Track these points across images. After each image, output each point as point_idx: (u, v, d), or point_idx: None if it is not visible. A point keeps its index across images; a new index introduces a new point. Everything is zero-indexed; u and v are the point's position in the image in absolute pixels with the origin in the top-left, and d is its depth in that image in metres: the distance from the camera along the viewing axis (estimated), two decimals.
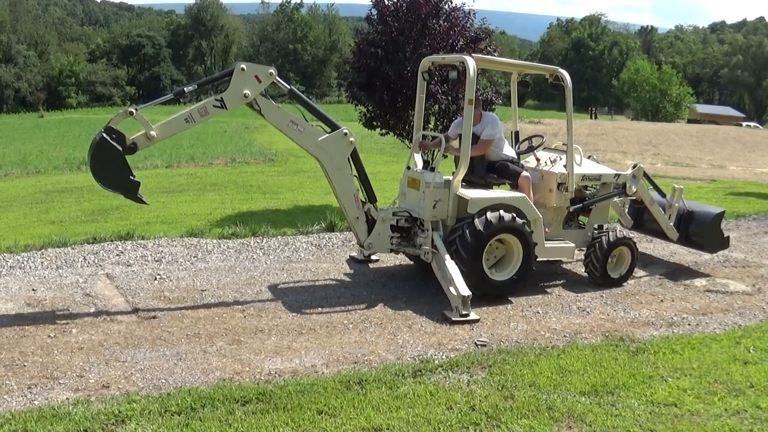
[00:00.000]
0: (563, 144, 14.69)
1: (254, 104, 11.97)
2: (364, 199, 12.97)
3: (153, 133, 11.57)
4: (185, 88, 12.01)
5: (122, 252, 14.80)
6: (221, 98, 11.71)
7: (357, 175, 12.85)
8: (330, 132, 12.57)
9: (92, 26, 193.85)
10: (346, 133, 12.59)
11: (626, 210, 16.01)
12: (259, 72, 11.93)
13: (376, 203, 13.17)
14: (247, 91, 11.75)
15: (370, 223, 13.01)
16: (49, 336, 10.32)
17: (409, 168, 13.83)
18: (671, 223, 15.46)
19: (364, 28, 21.53)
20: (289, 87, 12.39)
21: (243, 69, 11.77)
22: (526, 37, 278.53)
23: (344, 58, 27.59)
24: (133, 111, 11.34)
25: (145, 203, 11.97)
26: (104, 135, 11.17)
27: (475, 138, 13.11)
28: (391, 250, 13.50)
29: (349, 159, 12.69)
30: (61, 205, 22.45)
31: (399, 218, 13.09)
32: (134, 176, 11.52)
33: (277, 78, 12.03)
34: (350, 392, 8.82)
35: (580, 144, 15.56)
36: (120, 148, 11.26)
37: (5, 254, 14.42)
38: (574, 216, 14.63)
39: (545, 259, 13.89)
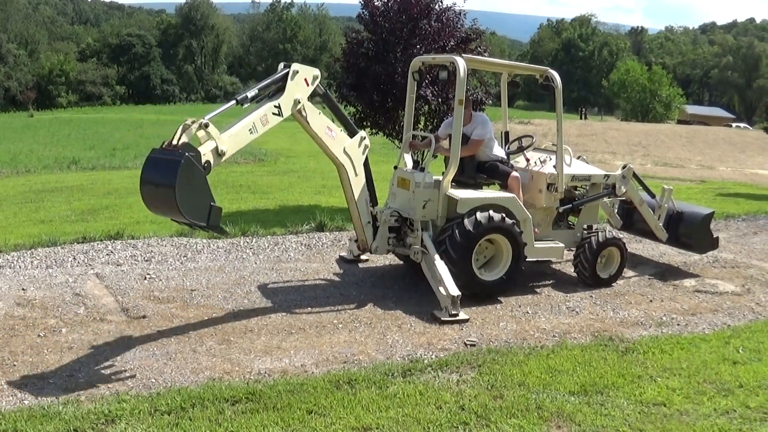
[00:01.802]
0: (553, 144, 14.70)
1: (302, 110, 11.48)
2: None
3: (224, 148, 10.31)
4: (248, 94, 10.90)
5: (112, 252, 14.79)
6: (278, 105, 11.04)
7: (365, 178, 12.81)
8: (350, 136, 12.49)
9: (83, 25, 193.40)
10: (363, 137, 12.59)
11: (616, 210, 16.02)
12: (308, 75, 11.48)
13: (377, 206, 13.18)
14: (298, 97, 11.29)
15: (375, 226, 13.03)
16: (39, 336, 10.31)
17: (396, 167, 13.83)
18: (660, 224, 15.49)
19: (354, 29, 21.55)
20: (324, 90, 12.13)
21: (297, 71, 11.23)
22: (517, 37, 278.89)
23: (334, 58, 27.59)
24: (208, 123, 10.16)
25: (226, 234, 11.41)
26: (189, 155, 9.65)
27: (466, 138, 13.12)
28: (389, 251, 13.54)
29: None
30: (51, 204, 22.41)
31: (392, 219, 13.10)
32: (215, 201, 10.07)
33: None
34: (340, 392, 8.83)
35: (570, 144, 15.58)
36: (202, 169, 9.92)
37: None
38: (564, 216, 14.65)
39: (535, 259, 13.89)
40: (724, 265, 16.28)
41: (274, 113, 10.94)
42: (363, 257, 14.91)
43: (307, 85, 11.44)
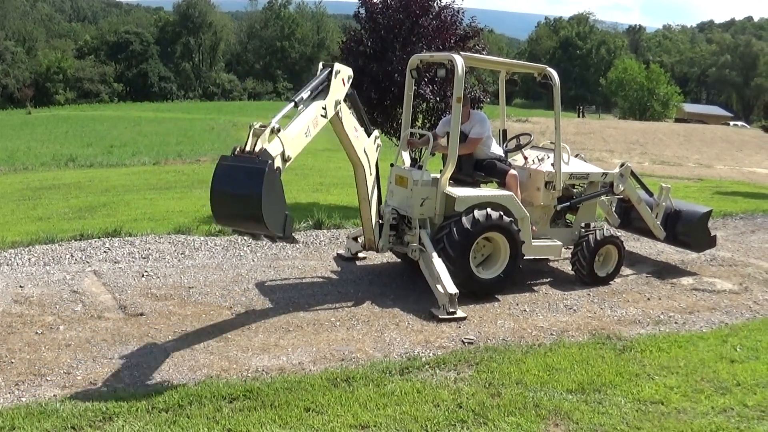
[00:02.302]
0: (551, 142, 14.70)
1: (339, 111, 11.30)
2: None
3: (290, 153, 10.06)
4: (302, 95, 10.64)
5: (109, 249, 14.77)
6: (325, 106, 10.84)
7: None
8: (367, 136, 12.45)
9: (80, 22, 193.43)
10: (377, 137, 12.58)
11: (613, 209, 16.02)
12: (345, 75, 11.37)
13: (382, 205, 13.18)
14: (338, 97, 11.14)
15: (381, 225, 13.04)
16: (37, 333, 10.30)
17: (392, 165, 13.82)
18: (658, 222, 15.49)
19: (352, 27, 21.56)
20: (352, 90, 11.97)
21: (339, 71, 11.06)
22: (514, 35, 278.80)
23: (332, 56, 27.63)
24: (280, 128, 9.87)
25: (296, 242, 11.19)
26: (271, 162, 9.41)
27: (463, 136, 13.11)
28: (389, 249, 13.55)
29: None
30: (49, 201, 22.43)
31: (391, 216, 13.09)
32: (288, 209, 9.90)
33: None
34: (337, 389, 8.82)
35: (568, 142, 15.56)
36: (280, 175, 9.72)
37: None
38: (562, 214, 14.66)
39: (532, 257, 13.89)
40: (721, 264, 16.29)
41: (321, 115, 10.79)
42: (360, 255, 14.90)
43: (344, 85, 11.35)
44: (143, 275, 13.20)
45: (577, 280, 14.24)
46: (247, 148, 9.55)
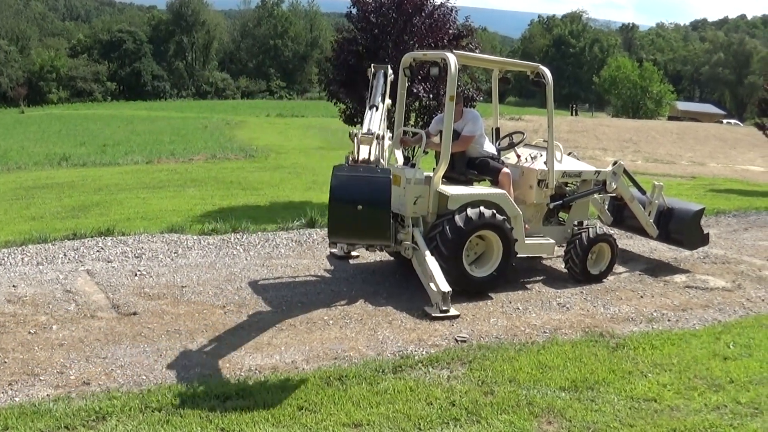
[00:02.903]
0: (544, 141, 14.72)
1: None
2: None
3: (376, 157, 10.20)
4: (378, 99, 10.82)
5: (102, 248, 14.76)
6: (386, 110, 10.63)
7: None
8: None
9: (73, 21, 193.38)
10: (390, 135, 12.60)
11: (606, 207, 16.04)
12: (392, 78, 11.30)
13: None
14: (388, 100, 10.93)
15: None
16: (30, 332, 10.29)
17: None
18: (651, 220, 15.50)
19: (345, 26, 21.56)
20: None
21: (390, 74, 11.09)
22: (508, 34, 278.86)
23: (325, 56, 27.64)
24: (383, 135, 10.00)
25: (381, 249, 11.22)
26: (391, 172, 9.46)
27: (456, 134, 13.12)
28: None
29: None
30: (42, 201, 22.40)
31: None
32: None
33: None
34: (330, 388, 8.83)
35: (561, 141, 15.57)
36: None
37: None
38: (554, 213, 14.68)
39: (525, 255, 13.90)
40: (714, 261, 16.31)
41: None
42: (353, 253, 14.91)
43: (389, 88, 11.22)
44: (136, 274, 13.19)
45: (570, 278, 14.25)
46: (362, 158, 9.56)
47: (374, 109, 10.50)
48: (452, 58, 12.58)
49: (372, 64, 11.66)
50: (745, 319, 12.49)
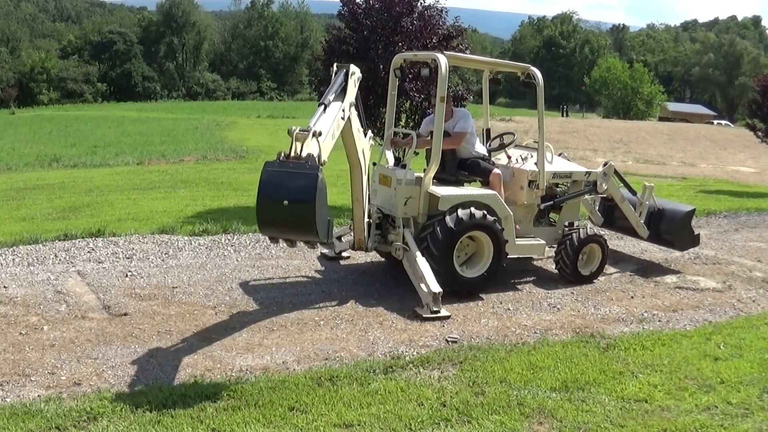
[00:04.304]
0: (534, 141, 14.75)
1: (350, 114, 11.24)
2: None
3: (325, 158, 9.96)
4: (330, 97, 10.59)
5: (93, 249, 14.75)
6: (343, 108, 10.81)
7: None
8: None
9: (64, 22, 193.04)
10: (371, 137, 12.60)
11: (597, 207, 16.06)
12: (357, 76, 11.34)
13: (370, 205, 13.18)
14: (352, 99, 11.13)
15: (370, 225, 13.04)
16: (21, 333, 10.28)
17: (375, 164, 13.83)
18: (642, 221, 15.53)
19: (335, 26, 21.56)
20: (357, 90, 11.82)
21: (354, 73, 11.05)
22: (498, 34, 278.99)
23: (315, 56, 27.61)
24: (321, 132, 9.80)
25: (333, 246, 11.18)
26: (321, 168, 9.43)
27: (447, 135, 13.13)
28: (374, 248, 13.57)
29: None
30: (33, 202, 22.36)
31: (375, 216, 13.11)
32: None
33: None
34: (321, 388, 8.83)
35: (552, 142, 15.59)
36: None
37: None
38: (545, 213, 14.70)
39: (516, 256, 13.91)
40: (705, 262, 16.34)
41: (341, 117, 10.76)
42: (344, 254, 14.91)
43: (355, 86, 11.33)
44: (127, 275, 13.18)
45: (560, 279, 14.27)
46: (293, 153, 9.49)
47: (322, 107, 10.49)
48: (443, 59, 12.59)
49: (335, 63, 11.65)
50: (736, 319, 12.53)
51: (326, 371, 9.34)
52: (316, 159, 9.38)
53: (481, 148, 14.05)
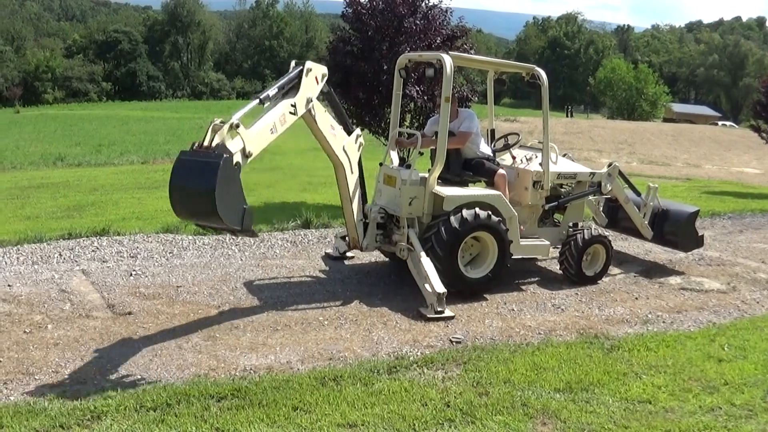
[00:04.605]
0: (539, 142, 14.72)
1: (312, 109, 11.37)
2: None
3: (251, 149, 10.14)
4: (269, 93, 10.74)
5: (98, 248, 14.76)
6: (294, 104, 10.93)
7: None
8: (348, 134, 12.46)
9: (69, 21, 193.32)
10: (359, 135, 12.59)
11: (601, 208, 16.06)
12: (318, 73, 11.42)
13: (367, 203, 13.18)
14: (310, 95, 11.21)
15: (366, 224, 13.05)
16: (25, 332, 10.29)
17: (381, 164, 13.83)
18: (646, 222, 15.52)
19: (340, 26, 21.56)
20: (329, 88, 12.08)
21: (310, 69, 11.16)
22: (503, 35, 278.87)
23: (320, 56, 27.63)
24: (239, 124, 9.93)
25: (256, 236, 11.36)
26: (227, 157, 9.48)
27: (452, 135, 13.12)
28: (376, 248, 13.56)
29: None
30: (37, 200, 22.40)
31: (378, 216, 13.09)
32: (247, 203, 9.89)
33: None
34: (325, 388, 8.83)
35: (556, 142, 15.57)
36: (239, 171, 9.78)
37: None
38: (550, 214, 14.67)
39: (520, 256, 13.88)
40: (709, 263, 16.32)
41: (290, 112, 10.85)
42: (349, 254, 14.90)
43: (317, 83, 11.38)
44: (131, 274, 13.19)
45: (565, 280, 14.26)
46: (205, 143, 9.63)
47: (256, 100, 10.58)
48: (448, 59, 12.58)
49: (294, 61, 11.70)
50: (740, 321, 12.51)
51: (330, 371, 9.33)
52: (228, 149, 9.57)
53: (485, 149, 14.04)
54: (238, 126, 9.82)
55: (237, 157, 9.76)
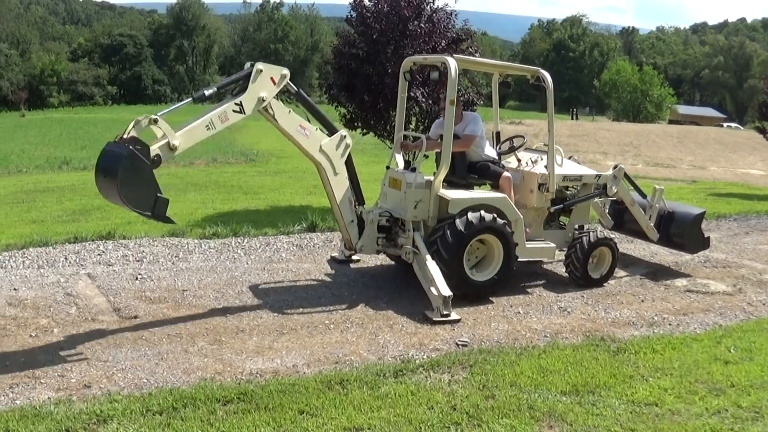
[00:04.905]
0: (544, 144, 14.72)
1: (268, 108, 11.62)
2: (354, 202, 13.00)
3: (176, 142, 10.61)
4: (205, 92, 11.26)
5: (103, 252, 14.77)
6: (240, 102, 11.24)
7: (348, 177, 12.86)
8: (329, 135, 12.51)
9: (74, 25, 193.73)
10: (344, 136, 12.60)
11: (607, 210, 16.05)
12: (275, 74, 11.61)
13: (364, 205, 13.19)
14: (263, 95, 11.42)
15: (361, 225, 13.05)
16: (31, 336, 10.30)
17: (388, 168, 13.84)
18: (652, 224, 15.50)
19: (345, 30, 21.55)
20: (297, 89, 12.17)
21: (261, 70, 11.39)
22: (508, 38, 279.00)
23: (325, 60, 27.66)
24: (158, 119, 10.42)
25: (173, 222, 11.60)
26: (133, 149, 10.00)
27: (457, 138, 13.11)
28: (378, 251, 13.53)
29: None
30: (43, 204, 22.42)
31: (382, 218, 13.10)
32: (162, 192, 10.47)
33: (288, 80, 11.83)
34: (331, 392, 8.82)
35: (561, 145, 15.58)
36: (148, 162, 10.21)
37: None
38: (555, 216, 14.65)
39: (526, 259, 13.88)
40: (715, 265, 16.30)
41: (234, 110, 11.16)
42: (354, 258, 14.90)
43: (274, 83, 11.55)
44: (137, 278, 13.20)
45: (570, 282, 14.25)
46: (124, 136, 10.19)
47: (189, 99, 10.98)
48: (452, 62, 12.59)
49: (249, 63, 11.91)
50: (746, 323, 12.49)
51: (336, 375, 9.33)
52: (140, 140, 10.19)
53: (490, 151, 14.04)
54: (156, 121, 10.33)
55: (158, 150, 10.41)
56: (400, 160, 13.95)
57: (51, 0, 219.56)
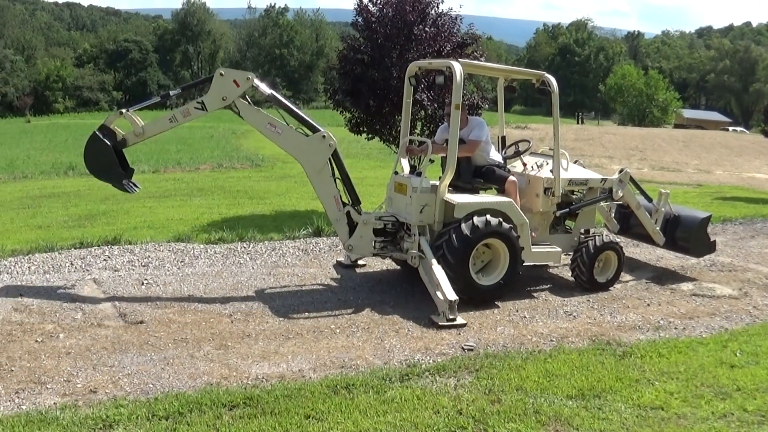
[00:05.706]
0: (550, 149, 14.68)
1: (233, 107, 12.64)
2: (346, 201, 13.02)
3: (140, 129, 12.80)
4: (171, 92, 13.19)
5: (109, 257, 14.79)
6: (202, 101, 12.56)
7: (339, 177, 12.96)
8: (310, 135, 12.76)
9: (79, 31, 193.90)
10: (324, 136, 12.65)
11: (613, 215, 16.04)
12: (237, 77, 12.59)
13: (360, 206, 13.18)
14: (225, 95, 12.51)
15: (352, 225, 13.05)
16: (37, 341, 10.30)
17: (396, 173, 13.84)
18: (657, 228, 15.50)
19: (350, 35, 21.57)
20: (269, 91, 12.89)
21: (222, 74, 12.59)
22: (513, 42, 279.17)
23: (330, 65, 27.67)
24: (123, 111, 12.85)
25: (128, 192, 13.29)
26: (96, 132, 12.74)
27: (462, 143, 13.12)
28: (375, 254, 13.53)
29: (330, 161, 12.84)
30: (48, 210, 22.43)
31: (384, 223, 13.10)
32: (125, 170, 13.21)
33: (257, 82, 12.61)
34: (337, 397, 8.81)
35: (567, 149, 15.57)
36: (109, 143, 12.68)
37: None
38: (561, 221, 14.66)
39: (532, 263, 13.88)
40: (721, 269, 16.28)
41: (196, 107, 12.77)
42: (360, 262, 14.91)
43: (237, 86, 12.62)
44: (143, 283, 13.21)
45: (576, 286, 14.24)
46: (104, 123, 12.95)
47: (158, 98, 13.56)
48: (458, 67, 12.60)
49: (220, 68, 12.71)
50: (752, 326, 12.47)
51: (342, 379, 9.32)
52: (108, 127, 12.93)
53: (496, 156, 14.04)
54: (122, 113, 12.91)
55: (123, 134, 12.98)
56: (405, 164, 13.96)
57: (56, 6, 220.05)
